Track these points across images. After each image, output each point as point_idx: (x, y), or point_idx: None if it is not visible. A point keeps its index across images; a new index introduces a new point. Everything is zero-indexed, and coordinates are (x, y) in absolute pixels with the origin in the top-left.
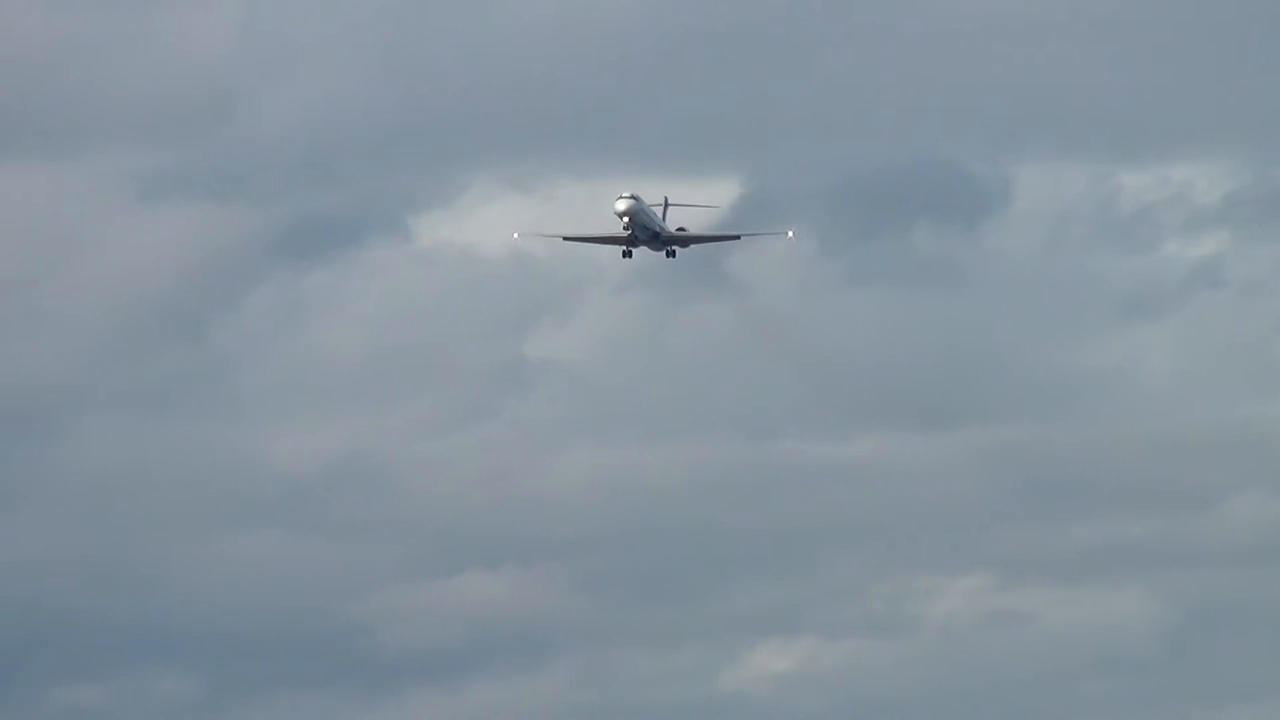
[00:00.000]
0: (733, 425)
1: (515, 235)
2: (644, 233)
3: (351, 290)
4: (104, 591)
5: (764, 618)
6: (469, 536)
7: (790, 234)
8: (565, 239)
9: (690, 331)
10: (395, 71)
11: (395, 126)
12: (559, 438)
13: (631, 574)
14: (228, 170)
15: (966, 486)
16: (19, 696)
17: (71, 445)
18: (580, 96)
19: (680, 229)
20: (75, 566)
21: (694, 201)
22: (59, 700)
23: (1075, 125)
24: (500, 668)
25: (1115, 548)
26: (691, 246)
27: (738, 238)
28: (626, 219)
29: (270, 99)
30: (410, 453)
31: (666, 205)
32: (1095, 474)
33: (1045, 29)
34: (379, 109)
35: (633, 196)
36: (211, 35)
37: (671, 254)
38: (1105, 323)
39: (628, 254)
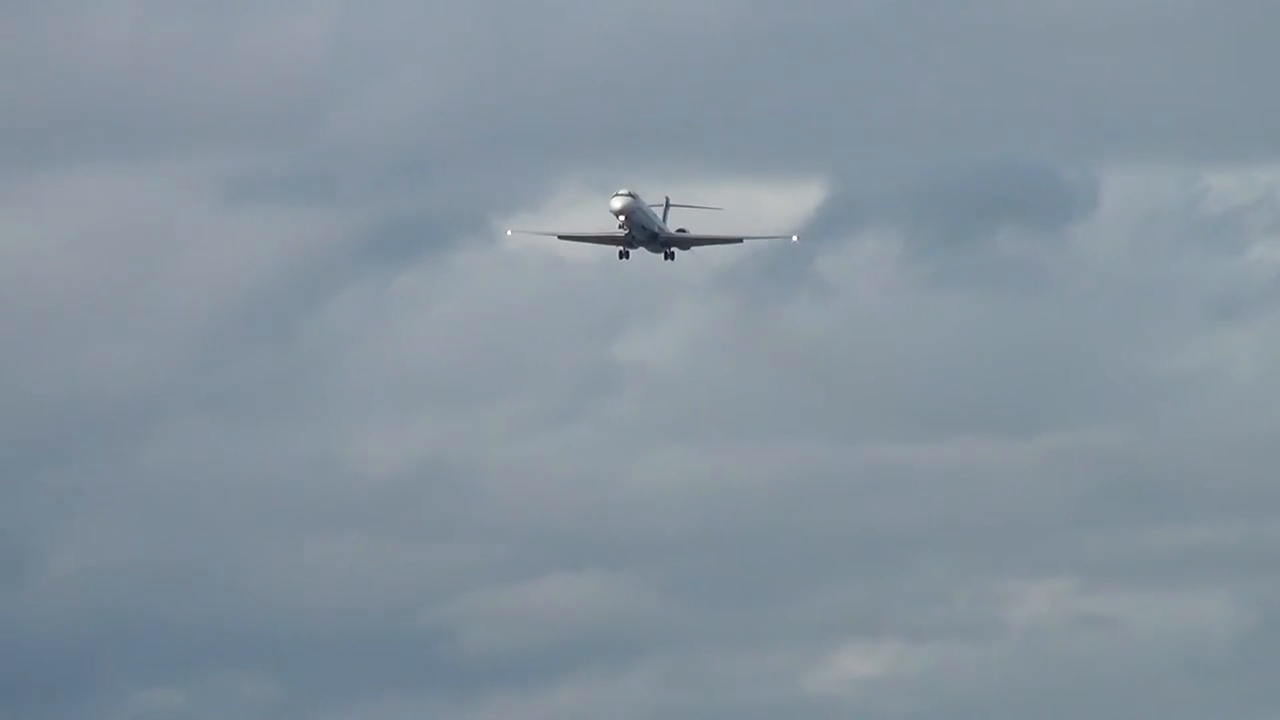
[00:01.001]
0: (818, 429)
1: (509, 232)
2: (642, 233)
3: (439, 293)
4: (189, 594)
5: (848, 621)
6: (554, 539)
7: (794, 239)
8: (560, 237)
9: (776, 335)
10: (484, 74)
11: (484, 129)
12: (646, 440)
13: (717, 577)
14: (317, 173)
15: (1051, 490)
16: (107, 698)
17: (159, 449)
18: (667, 99)
19: (681, 230)
20: (161, 569)
21: (696, 202)
22: (144, 703)
23: (1162, 127)
24: (585, 671)
25: (1200, 551)
26: (692, 249)
27: (740, 240)
28: (623, 218)
29: (359, 102)
30: (496, 456)
31: (668, 205)
32: (1180, 477)
33: (1132, 31)
34: (468, 112)
35: (629, 194)
36: (302, 39)
37: (670, 256)
38: (1191, 325)
39: (624, 255)
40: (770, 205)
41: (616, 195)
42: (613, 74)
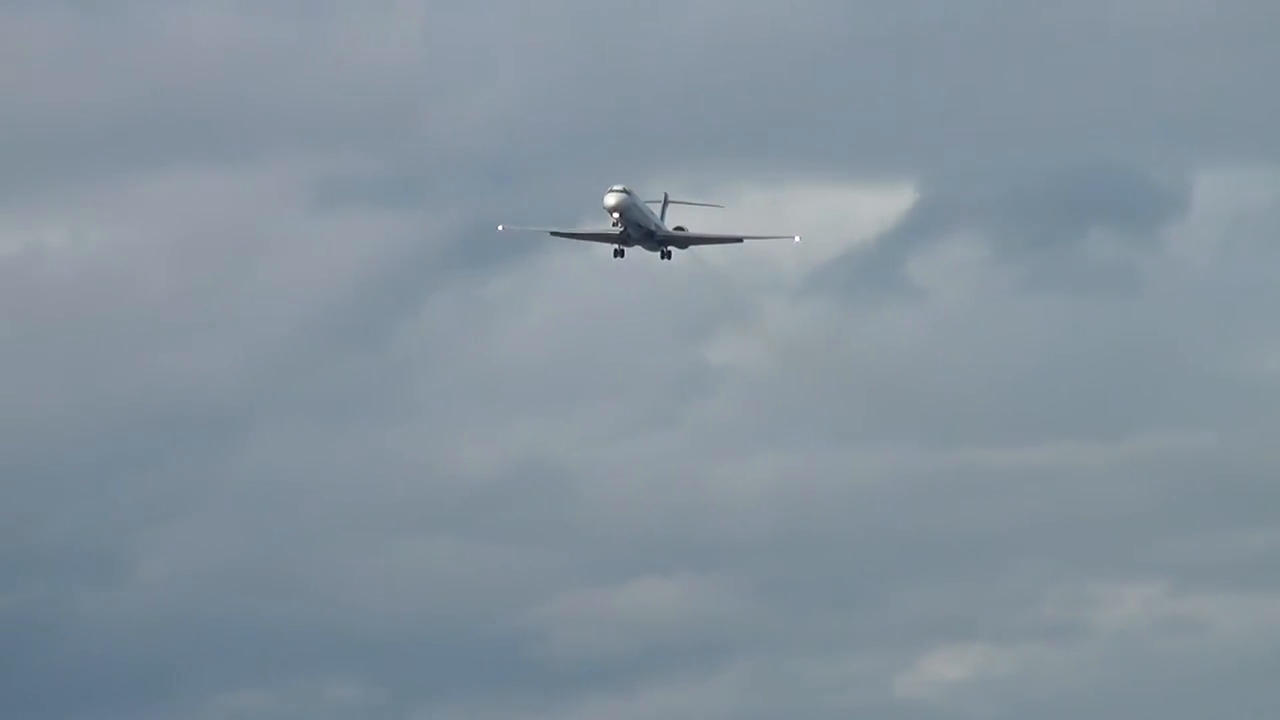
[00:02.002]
0: (909, 431)
1: (500, 228)
2: (638, 231)
3: (530, 296)
4: (281, 597)
5: (937, 624)
6: (644, 543)
7: (797, 239)
8: (553, 234)
9: (868, 338)
10: (577, 78)
11: (575, 133)
12: (737, 444)
13: (806, 580)
14: (410, 176)
15: (1141, 493)
16: (198, 701)
17: (250, 451)
18: (759, 103)
19: (678, 228)
20: (254, 572)
21: (697, 200)
22: (235, 705)
23: (1254, 129)
24: (673, 674)
25: None
26: (690, 248)
27: (740, 240)
28: (617, 215)
29: (453, 105)
30: (587, 459)
31: (666, 202)
32: (1272, 480)
33: (1223, 33)
34: (560, 115)
35: (624, 190)
36: (393, 43)
37: (667, 255)
38: None
39: (620, 253)
40: (861, 209)
41: (611, 192)
42: (705, 78)
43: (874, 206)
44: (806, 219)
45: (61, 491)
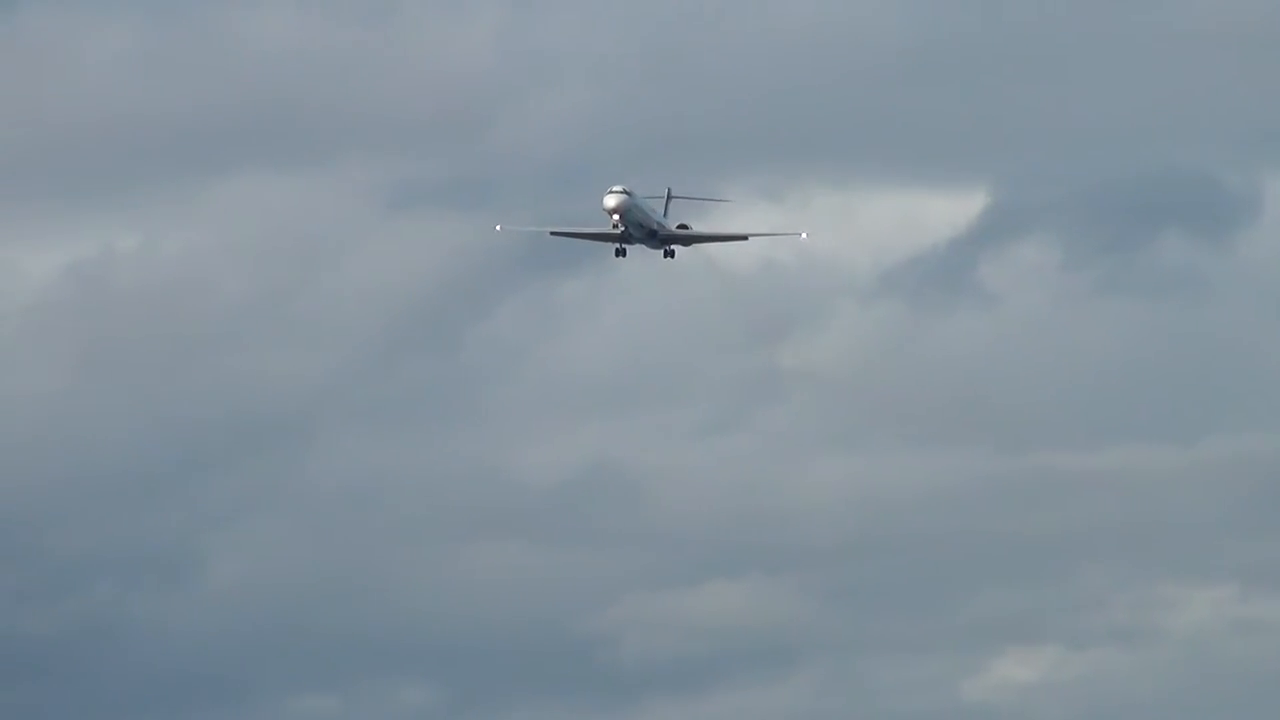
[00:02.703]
0: (979, 435)
1: (498, 228)
2: (639, 230)
3: (602, 300)
4: (350, 600)
5: (1008, 627)
6: (714, 546)
7: (804, 235)
8: (552, 234)
9: (938, 341)
10: (648, 81)
11: (648, 136)
12: (807, 447)
13: (876, 583)
14: (481, 180)
15: (1213, 497)
16: (267, 704)
17: (321, 456)
18: (830, 106)
19: (682, 226)
20: (323, 575)
21: (702, 195)
22: (304, 708)
23: None
24: (743, 678)
25: None
26: (693, 246)
27: (744, 238)
28: (617, 216)
29: (524, 109)
30: (657, 463)
31: (669, 198)
32: None
33: None
34: (632, 119)
35: (624, 191)
36: (466, 46)
37: (670, 254)
38: None
39: (621, 252)
40: (932, 213)
41: (610, 193)
42: (775, 81)
43: (945, 210)
44: (877, 223)
45: (133, 496)
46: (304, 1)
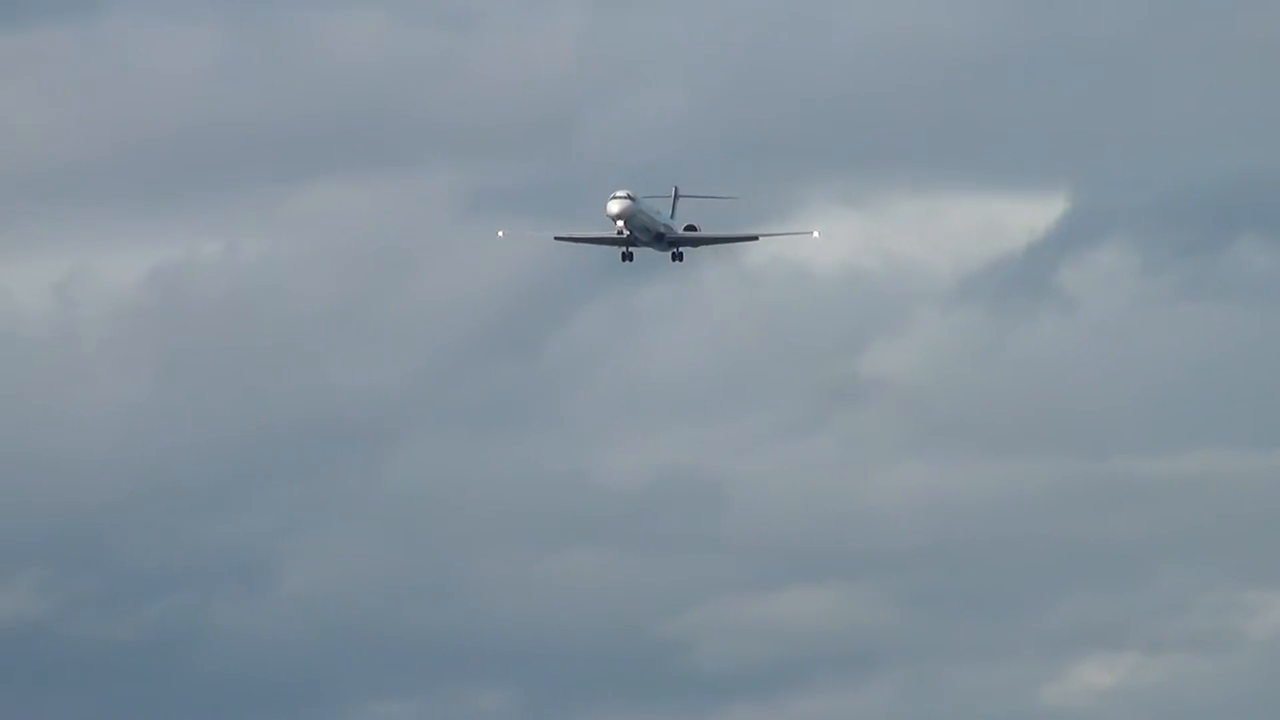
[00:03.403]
0: (1058, 439)
1: (500, 233)
2: (645, 234)
3: (682, 305)
4: (430, 605)
5: (1088, 633)
6: (794, 552)
7: (815, 234)
8: (556, 239)
9: (1019, 346)
10: (731, 87)
11: (729, 141)
12: (887, 453)
13: (955, 589)
14: (562, 186)
15: None
16: (344, 710)
17: (401, 461)
18: (911, 111)
19: (690, 227)
20: (402, 581)
21: (708, 193)
22: (382, 713)
23: None
24: (822, 684)
25: None
26: (702, 248)
27: (755, 238)
28: (621, 222)
29: (605, 115)
30: (737, 469)
31: (676, 196)
32: None
33: None
34: (713, 124)
35: (628, 196)
36: (547, 52)
37: (678, 256)
38: None
39: (628, 256)
40: (1012, 217)
41: (613, 198)
42: (857, 87)
43: (1025, 215)
44: (957, 227)
45: (214, 501)
46: (387, 8)
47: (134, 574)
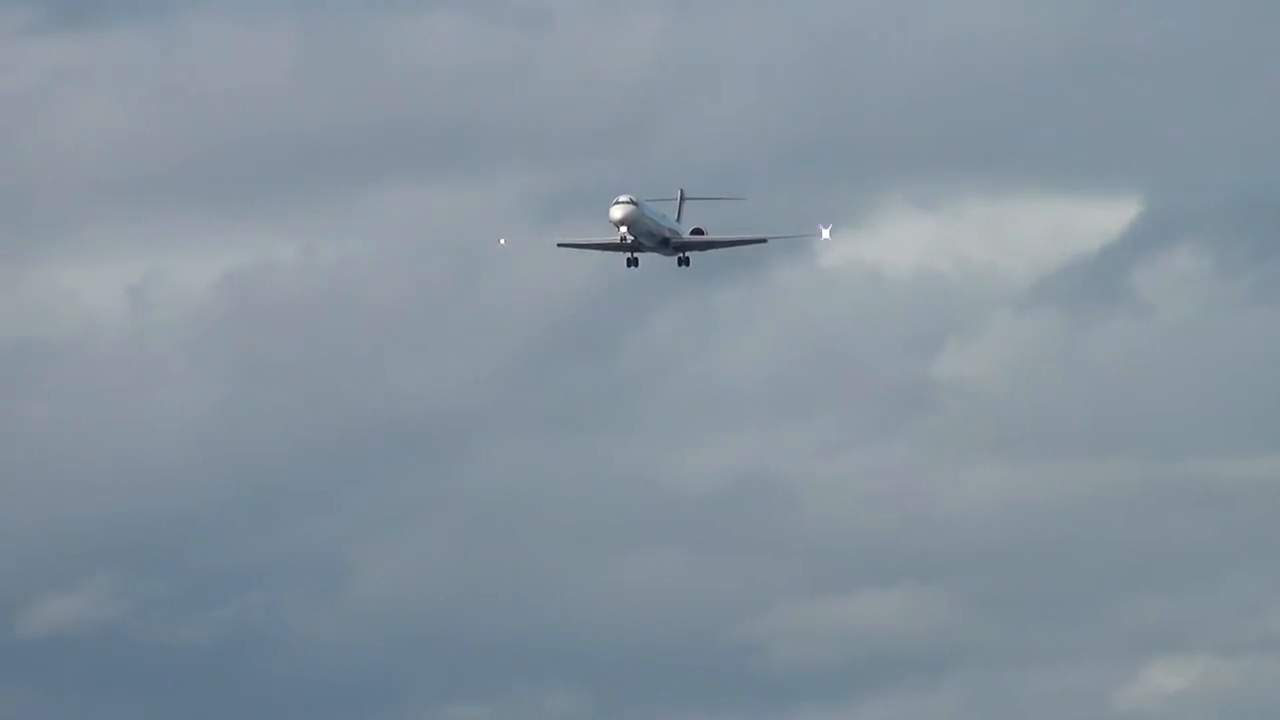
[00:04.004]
0: (1130, 442)
1: (501, 241)
2: (650, 239)
3: (757, 309)
4: (503, 608)
5: (1159, 636)
6: (867, 554)
7: (825, 234)
8: (560, 245)
9: (1092, 349)
10: (804, 92)
11: (804, 145)
12: (959, 456)
13: (1027, 592)
14: (637, 189)
15: None
16: (417, 712)
17: (475, 464)
18: (984, 115)
19: (696, 231)
20: (476, 584)
21: (715, 195)
22: (454, 716)
23: None
24: (894, 686)
25: None
26: (708, 252)
27: (763, 241)
28: (624, 228)
29: (680, 119)
30: (810, 471)
31: (682, 199)
32: None
33: None
34: (788, 127)
35: (630, 201)
36: (623, 56)
37: (685, 261)
38: None
39: (633, 262)
40: (1085, 221)
41: (616, 204)
42: (930, 91)
43: (1098, 218)
44: (1030, 231)
45: (289, 504)
46: (462, 12)
47: (207, 578)
